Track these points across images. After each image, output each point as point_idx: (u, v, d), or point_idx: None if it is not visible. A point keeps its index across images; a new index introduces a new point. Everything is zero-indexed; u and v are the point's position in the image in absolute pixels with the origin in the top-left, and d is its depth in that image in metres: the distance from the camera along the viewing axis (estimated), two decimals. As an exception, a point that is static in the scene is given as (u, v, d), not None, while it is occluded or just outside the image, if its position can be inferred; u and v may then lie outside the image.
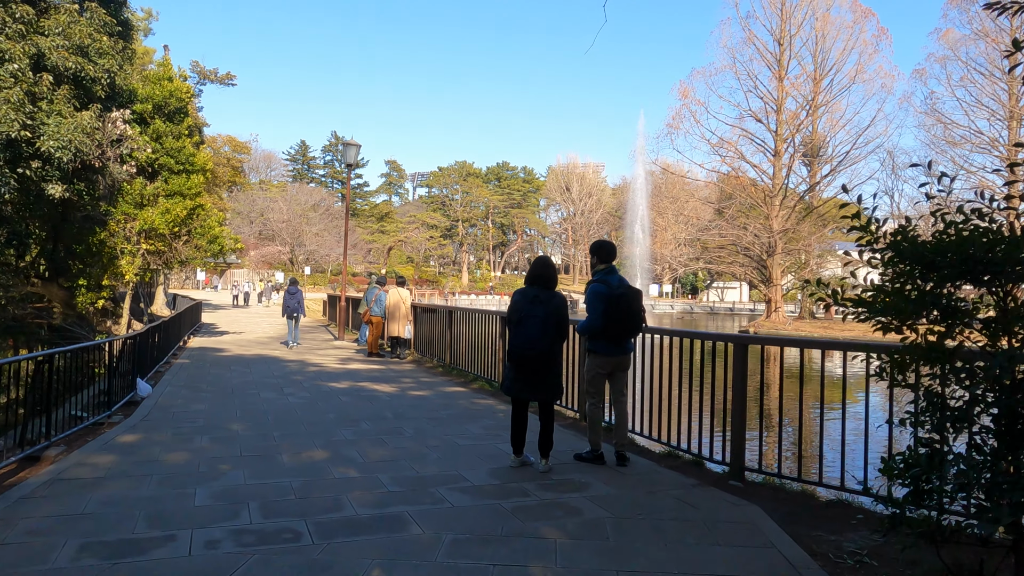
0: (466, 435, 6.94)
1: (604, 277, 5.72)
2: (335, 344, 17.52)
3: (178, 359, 13.40)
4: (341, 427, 7.19)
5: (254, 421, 7.42)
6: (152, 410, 7.94)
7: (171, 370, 11.66)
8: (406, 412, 8.14)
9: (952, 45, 41.39)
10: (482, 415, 8.00)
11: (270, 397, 9.06)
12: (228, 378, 10.83)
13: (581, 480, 5.32)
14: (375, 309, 14.55)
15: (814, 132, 42.65)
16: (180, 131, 15.77)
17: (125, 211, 15.41)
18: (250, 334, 20.25)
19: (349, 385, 10.28)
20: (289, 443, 6.41)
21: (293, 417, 7.69)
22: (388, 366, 12.80)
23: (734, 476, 5.42)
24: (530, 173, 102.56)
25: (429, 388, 10.12)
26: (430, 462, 5.79)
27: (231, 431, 6.89)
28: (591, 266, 5.94)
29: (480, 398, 9.28)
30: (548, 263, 5.82)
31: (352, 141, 17.99)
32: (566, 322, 5.59)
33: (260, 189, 79.87)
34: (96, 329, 17.17)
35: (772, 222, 39.80)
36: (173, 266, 16.50)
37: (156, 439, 6.47)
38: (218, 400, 8.73)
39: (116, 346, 8.43)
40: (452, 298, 59.46)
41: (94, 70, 13.57)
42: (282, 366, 12.62)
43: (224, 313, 31.69)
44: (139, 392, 8.73)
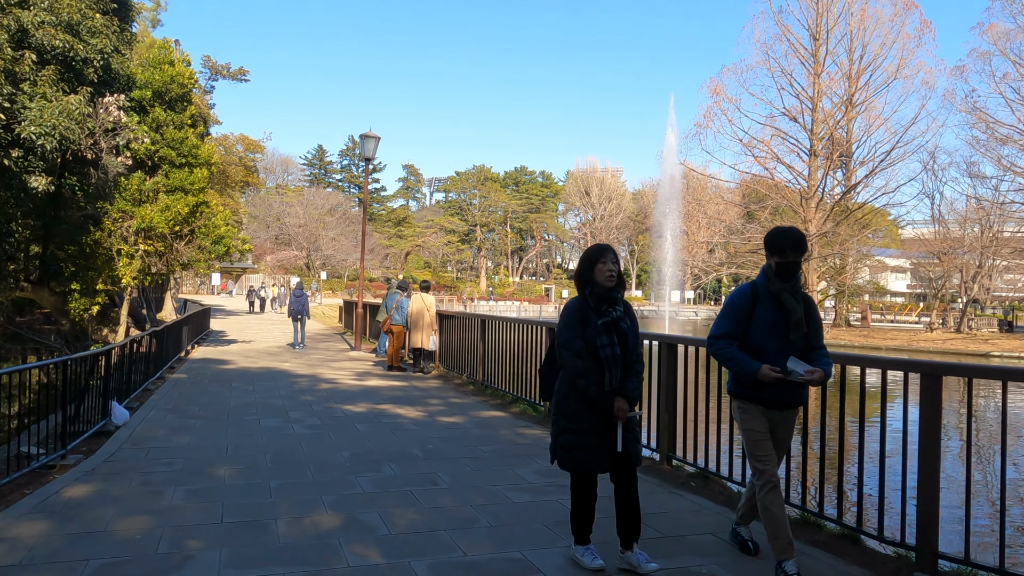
0: (520, 485, 5.31)
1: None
2: (351, 355, 15.98)
3: (175, 373, 11.91)
4: (358, 472, 5.59)
5: (247, 462, 5.84)
6: (123, 445, 6.38)
7: (163, 387, 10.15)
8: (439, 448, 6.53)
9: (996, 40, 39.39)
10: (533, 453, 6.38)
11: (272, 426, 7.49)
12: (226, 399, 9.28)
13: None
14: (396, 317, 12.99)
15: (849, 131, 40.73)
16: (182, 120, 14.34)
17: (122, 208, 13.98)
18: (260, 343, 18.78)
19: (367, 409, 8.69)
20: (289, 499, 4.82)
21: (297, 456, 6.11)
22: (411, 383, 11.21)
23: (924, 567, 3.73)
24: (548, 177, 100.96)
25: (462, 413, 8.51)
26: (480, 535, 4.18)
27: (215, 479, 5.31)
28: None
29: (525, 426, 7.66)
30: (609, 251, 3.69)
31: (371, 133, 16.51)
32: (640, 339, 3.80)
33: (277, 193, 78.97)
34: (92, 338, 15.77)
35: (808, 225, 37.85)
36: (175, 268, 15.04)
37: (114, 493, 4.90)
38: (208, 430, 7.17)
39: (85, 363, 6.90)
40: (471, 304, 57.95)
41: (85, 50, 12.15)
42: (290, 383, 11.07)
43: (236, 320, 30.34)
44: (114, 419, 7.20)
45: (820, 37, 39.70)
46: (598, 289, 3.56)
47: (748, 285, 3.72)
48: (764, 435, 3.66)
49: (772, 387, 3.56)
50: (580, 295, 3.63)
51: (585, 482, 3.63)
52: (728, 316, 3.66)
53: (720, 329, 3.66)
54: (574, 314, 3.58)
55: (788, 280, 3.58)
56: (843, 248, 40.16)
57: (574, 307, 3.62)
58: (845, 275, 41.47)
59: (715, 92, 39.41)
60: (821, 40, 39.70)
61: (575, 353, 3.50)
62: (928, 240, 45.92)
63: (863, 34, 39.49)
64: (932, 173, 43.73)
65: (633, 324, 3.64)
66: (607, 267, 3.54)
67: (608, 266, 3.55)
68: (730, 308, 3.68)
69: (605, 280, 3.54)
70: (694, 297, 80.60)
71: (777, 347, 3.56)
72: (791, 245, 3.57)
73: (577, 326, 3.54)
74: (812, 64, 39.57)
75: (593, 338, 3.47)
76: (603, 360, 3.45)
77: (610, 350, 3.47)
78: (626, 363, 3.54)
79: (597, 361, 3.48)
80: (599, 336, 3.47)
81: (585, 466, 3.53)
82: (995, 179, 40.36)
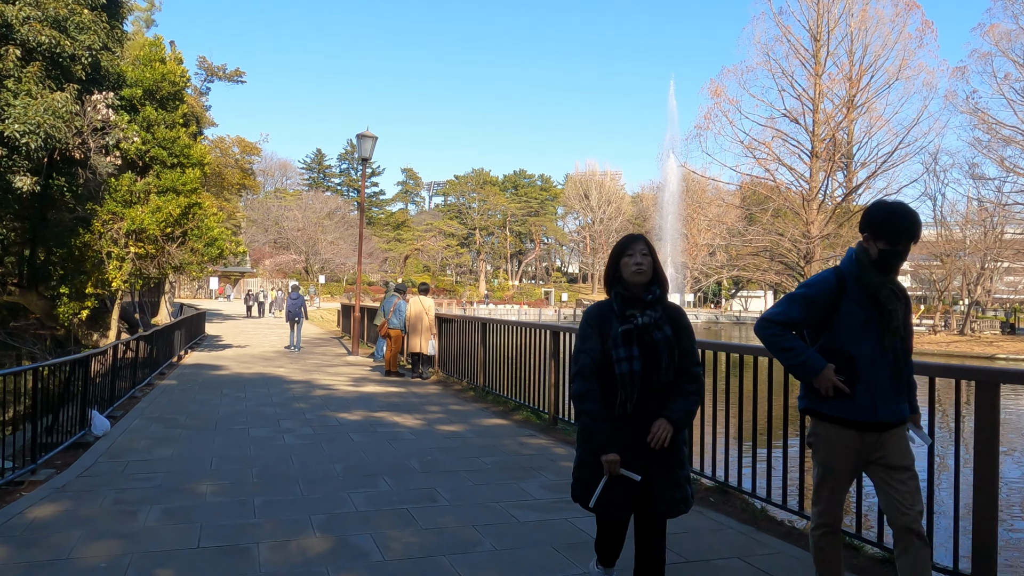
0: (525, 501, 4.92)
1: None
2: (348, 360, 15.58)
3: (165, 379, 11.49)
4: (351, 487, 5.20)
5: (233, 477, 5.44)
6: (100, 458, 5.98)
7: (150, 395, 9.74)
8: (438, 460, 6.13)
9: (998, 40, 39.12)
10: (538, 465, 5.98)
11: (262, 436, 7.09)
12: (215, 406, 8.88)
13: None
14: (394, 321, 12.59)
15: (850, 132, 40.45)
16: (174, 119, 13.95)
17: (112, 210, 13.59)
18: (255, 348, 18.36)
19: (363, 417, 8.29)
20: (274, 519, 4.42)
21: (286, 470, 5.70)
22: (409, 388, 10.81)
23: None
24: (547, 181, 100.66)
25: (462, 421, 8.11)
26: (483, 560, 3.78)
27: (196, 496, 4.91)
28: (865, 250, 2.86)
29: (528, 435, 7.26)
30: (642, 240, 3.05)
31: (367, 133, 16.13)
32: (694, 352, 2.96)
33: (275, 197, 78.64)
34: (82, 343, 15.36)
35: (811, 227, 37.51)
36: (167, 272, 14.65)
37: (83, 513, 4.50)
38: (194, 441, 6.77)
39: (62, 370, 6.51)
40: (470, 307, 57.56)
41: (72, 46, 11.80)
42: (284, 389, 10.66)
43: (232, 324, 29.92)
44: (93, 429, 6.79)
45: (821, 38, 39.44)
46: (625, 289, 2.91)
47: (831, 272, 2.88)
48: (843, 478, 2.87)
49: (861, 399, 2.75)
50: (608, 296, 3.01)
51: (608, 523, 3.04)
52: (795, 302, 2.86)
53: (780, 313, 2.86)
54: (590, 321, 2.94)
55: (889, 273, 2.79)
56: (845, 251, 39.77)
57: (592, 312, 2.97)
58: (847, 278, 41.00)
59: (716, 93, 39.14)
60: (822, 41, 39.44)
61: (577, 371, 2.89)
62: (930, 242, 45.62)
63: (864, 35, 39.26)
64: (934, 175, 43.40)
65: (679, 332, 2.89)
66: (634, 260, 2.87)
67: (636, 259, 2.86)
68: (801, 295, 2.87)
69: (632, 276, 2.86)
70: (694, 300, 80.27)
71: (869, 354, 2.76)
72: (905, 229, 2.71)
73: (590, 336, 2.90)
74: (813, 65, 39.31)
75: (611, 350, 2.82)
76: (618, 378, 2.79)
77: (627, 365, 2.77)
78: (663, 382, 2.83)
79: (611, 380, 2.81)
80: (615, 348, 2.80)
81: (603, 510, 2.86)
82: (998, 180, 40.06)
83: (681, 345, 2.87)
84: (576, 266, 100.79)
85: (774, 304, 2.95)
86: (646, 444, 2.79)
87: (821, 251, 38.25)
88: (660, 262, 2.92)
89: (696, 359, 2.94)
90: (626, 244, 2.95)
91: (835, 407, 2.81)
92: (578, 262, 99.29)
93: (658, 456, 2.81)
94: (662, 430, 2.78)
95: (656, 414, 2.82)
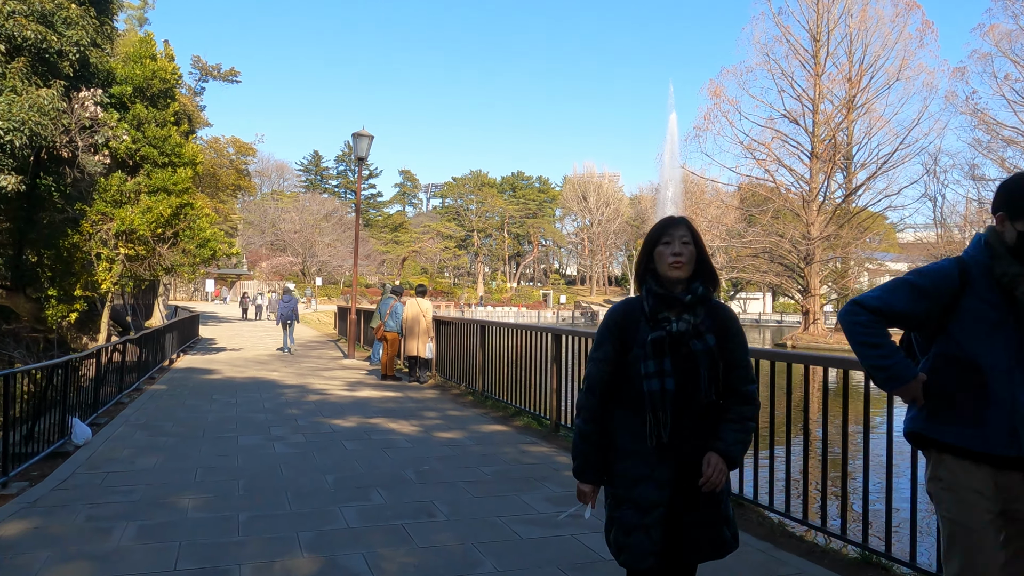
0: (528, 515, 4.62)
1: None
2: (343, 363, 15.27)
3: (154, 384, 11.17)
4: (343, 501, 4.89)
5: (217, 490, 5.13)
6: (79, 469, 5.66)
7: (138, 400, 9.42)
8: (435, 470, 5.83)
9: (998, 41, 38.97)
10: (540, 475, 5.68)
11: (251, 444, 6.77)
12: (204, 412, 8.56)
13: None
14: (390, 323, 12.28)
15: (850, 133, 40.27)
16: (165, 118, 13.62)
17: (101, 210, 13.26)
18: (249, 351, 18.04)
19: (357, 423, 7.98)
20: (260, 537, 4.11)
21: (275, 481, 5.39)
22: (406, 393, 10.50)
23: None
24: (545, 183, 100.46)
25: (460, 427, 7.81)
26: (485, 584, 3.48)
27: (177, 511, 4.60)
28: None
29: (530, 443, 6.96)
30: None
31: (364, 132, 15.84)
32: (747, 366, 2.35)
33: (272, 199, 78.31)
34: (71, 347, 15.02)
35: (811, 228, 37.28)
36: (158, 273, 14.32)
37: (54, 531, 4.18)
38: (179, 450, 6.45)
39: (40, 376, 6.19)
40: (468, 310, 57.27)
41: (59, 41, 11.49)
42: (276, 394, 10.35)
43: (227, 327, 29.58)
44: (74, 438, 6.47)
45: (820, 38, 39.28)
46: (659, 287, 2.28)
47: (951, 262, 2.25)
48: (985, 539, 2.11)
49: (995, 424, 2.11)
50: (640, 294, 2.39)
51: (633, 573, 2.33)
52: (899, 289, 2.24)
53: (876, 299, 2.25)
54: (610, 323, 2.35)
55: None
56: (846, 252, 39.59)
57: (615, 313, 2.36)
58: (848, 279, 40.86)
59: (715, 94, 38.93)
60: (821, 41, 39.27)
61: (584, 381, 2.40)
62: (930, 244, 45.42)
63: (864, 35, 39.11)
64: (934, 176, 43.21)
65: (726, 342, 2.27)
66: (672, 249, 2.25)
67: (674, 247, 2.24)
68: (909, 281, 2.26)
69: (668, 269, 2.24)
70: (693, 302, 79.88)
71: (1004, 366, 2.12)
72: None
73: (606, 341, 2.33)
74: (813, 65, 39.13)
75: (635, 362, 2.24)
76: (648, 396, 2.20)
77: (657, 382, 2.19)
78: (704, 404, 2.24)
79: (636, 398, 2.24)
80: (643, 360, 2.21)
81: (629, 555, 2.25)
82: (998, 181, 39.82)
83: (728, 357, 2.27)
84: (574, 268, 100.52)
85: (872, 289, 2.31)
86: (680, 481, 2.23)
87: (821, 252, 38.03)
88: (707, 251, 2.30)
89: (749, 374, 2.33)
90: (662, 229, 2.31)
91: (962, 435, 2.15)
92: (576, 264, 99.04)
93: (695, 494, 2.24)
94: (717, 471, 2.20)
95: (695, 445, 2.23)
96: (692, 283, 2.27)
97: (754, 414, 2.32)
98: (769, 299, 74.63)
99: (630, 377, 2.27)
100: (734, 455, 2.25)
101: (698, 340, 2.23)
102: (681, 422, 2.22)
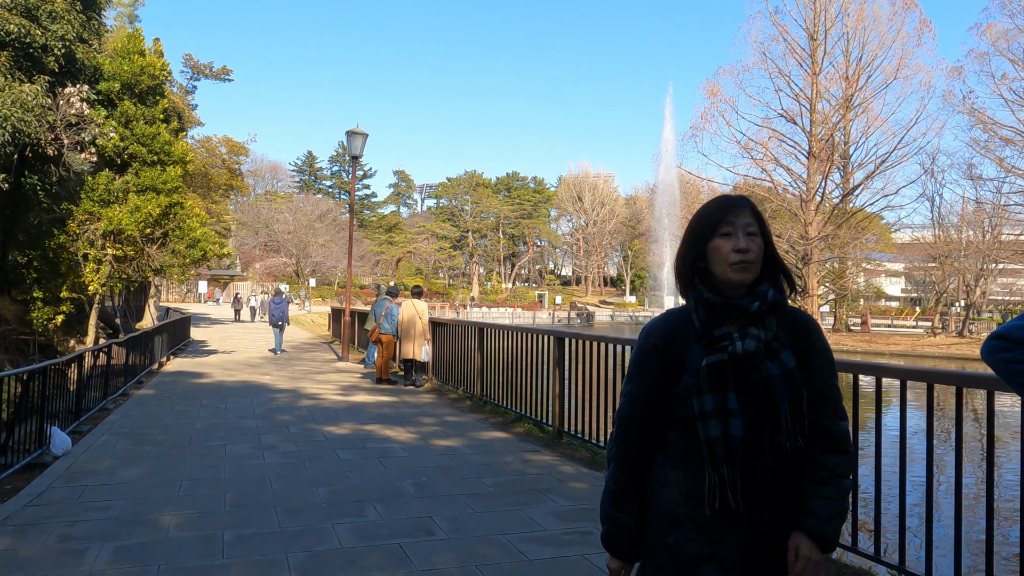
0: (534, 532, 4.32)
1: None
2: (337, 366, 14.94)
3: (142, 388, 10.83)
4: (335, 517, 4.58)
5: (201, 505, 4.82)
6: (55, 482, 5.34)
7: (123, 406, 9.08)
8: (433, 481, 5.52)
9: (995, 40, 38.87)
10: (545, 487, 5.38)
11: (240, 453, 6.46)
12: (192, 419, 8.23)
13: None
14: (385, 325, 11.97)
15: (847, 133, 40.13)
16: (154, 115, 13.27)
17: (88, 210, 12.90)
18: (241, 354, 17.69)
19: (352, 430, 7.66)
20: (244, 560, 3.80)
21: (264, 496, 5.08)
22: (402, 398, 10.19)
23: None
24: (540, 183, 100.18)
25: (459, 434, 7.50)
26: (491, 614, 3.18)
27: (157, 530, 4.28)
28: None
29: (532, 451, 6.66)
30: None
31: (358, 130, 15.52)
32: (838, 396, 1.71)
33: (266, 200, 77.82)
34: (57, 350, 14.65)
35: (809, 228, 37.11)
36: (147, 274, 13.97)
37: (23, 553, 3.86)
38: (163, 460, 6.13)
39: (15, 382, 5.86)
40: (464, 311, 56.95)
41: (44, 36, 11.15)
42: (268, 399, 10.02)
43: (220, 329, 29.18)
44: (53, 447, 6.15)
45: (818, 37, 39.11)
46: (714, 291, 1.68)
47: None
48: None
49: None
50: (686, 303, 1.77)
51: None
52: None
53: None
54: (647, 344, 1.73)
55: None
56: (843, 252, 39.46)
57: (655, 329, 1.74)
58: (845, 279, 40.69)
59: (712, 93, 38.72)
60: (819, 40, 39.11)
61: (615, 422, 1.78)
62: (927, 244, 45.33)
63: (861, 34, 38.96)
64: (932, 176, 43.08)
65: (809, 361, 1.67)
66: (736, 243, 1.64)
67: (739, 241, 1.64)
68: None
69: (732, 271, 1.64)
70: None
71: None
72: None
73: (646, 368, 1.71)
74: (810, 65, 38.96)
75: (688, 395, 1.64)
76: (706, 443, 1.60)
77: (718, 426, 1.59)
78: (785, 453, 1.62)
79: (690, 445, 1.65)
80: (697, 394, 1.62)
81: None
82: (996, 181, 39.73)
83: (813, 384, 1.66)
84: (570, 269, 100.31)
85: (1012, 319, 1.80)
86: (753, 564, 1.61)
87: (819, 252, 37.88)
88: (774, 243, 1.70)
89: (840, 407, 1.70)
90: (720, 215, 1.67)
91: None
92: (572, 265, 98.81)
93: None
94: (810, 569, 1.59)
95: (773, 513, 1.62)
96: (758, 285, 1.66)
97: (850, 468, 1.68)
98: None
99: (680, 417, 1.66)
100: (830, 536, 1.61)
101: (773, 362, 1.62)
102: (754, 478, 1.59)
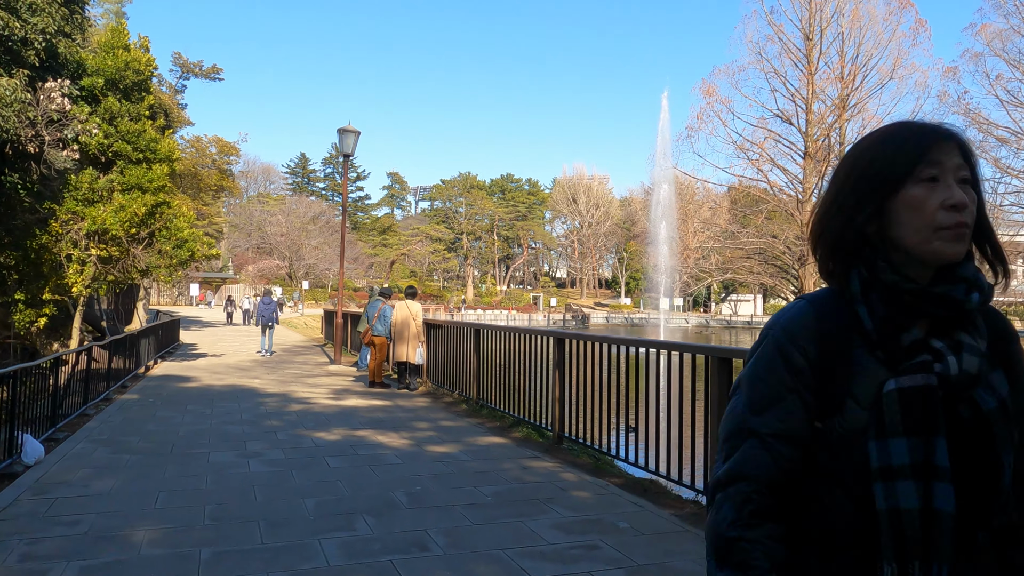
0: (537, 547, 4.00)
1: None
2: (329, 369, 14.59)
3: (126, 392, 10.47)
4: (323, 531, 4.26)
5: (179, 519, 4.48)
6: (23, 494, 4.99)
7: (105, 411, 8.72)
8: (428, 491, 5.20)
9: (990, 40, 38.85)
10: (546, 496, 5.06)
11: (223, 462, 6.12)
12: (176, 425, 7.88)
13: None
14: (378, 327, 11.64)
15: (842, 133, 40.02)
16: (139, 111, 12.90)
17: (71, 209, 12.53)
18: (231, 357, 17.32)
19: (343, 436, 7.33)
20: (222, 581, 3.47)
21: (246, 508, 4.75)
22: (395, 402, 9.86)
23: None
24: (535, 185, 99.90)
25: (455, 440, 7.18)
26: (493, 643, 2.86)
27: (128, 547, 3.95)
28: None
29: (531, 457, 6.34)
30: None
31: (350, 127, 15.19)
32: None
33: (259, 202, 77.34)
34: (41, 353, 14.26)
35: (805, 229, 36.95)
36: (133, 276, 13.59)
37: (-24, 576, 3.54)
38: (141, 470, 5.79)
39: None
40: (458, 313, 56.61)
41: (23, 29, 10.78)
42: (256, 403, 9.67)
43: (210, 332, 28.80)
44: (24, 456, 5.80)
45: (813, 37, 39.04)
46: (901, 273, 1.04)
47: None
48: None
49: None
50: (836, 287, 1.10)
51: None
52: None
53: None
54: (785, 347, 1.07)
55: None
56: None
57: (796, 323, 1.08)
58: (842, 280, 40.50)
59: (708, 93, 38.50)
60: (814, 40, 39.02)
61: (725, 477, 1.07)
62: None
63: (857, 34, 38.94)
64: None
65: (1019, 382, 1.07)
66: (948, 196, 1.01)
67: (951, 193, 1.01)
68: None
69: (942, 241, 1.01)
70: (683, 304, 79.78)
71: None
72: None
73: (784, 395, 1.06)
74: (805, 65, 38.87)
75: (855, 437, 1.01)
76: (889, 519, 0.96)
77: (914, 492, 0.96)
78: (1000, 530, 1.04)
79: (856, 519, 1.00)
80: (883, 435, 0.98)
81: None
82: (992, 181, 39.68)
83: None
84: (564, 271, 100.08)
85: None
86: None
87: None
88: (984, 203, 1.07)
89: None
90: (920, 149, 1.04)
91: None
92: (566, 267, 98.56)
93: None
94: None
95: None
96: (959, 266, 1.04)
97: None
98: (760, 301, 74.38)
99: (831, 472, 1.03)
100: None
101: (988, 393, 1.02)
102: (952, 569, 0.98)
